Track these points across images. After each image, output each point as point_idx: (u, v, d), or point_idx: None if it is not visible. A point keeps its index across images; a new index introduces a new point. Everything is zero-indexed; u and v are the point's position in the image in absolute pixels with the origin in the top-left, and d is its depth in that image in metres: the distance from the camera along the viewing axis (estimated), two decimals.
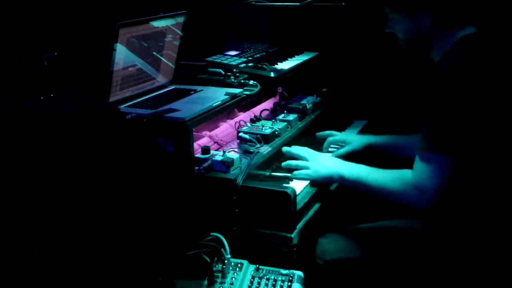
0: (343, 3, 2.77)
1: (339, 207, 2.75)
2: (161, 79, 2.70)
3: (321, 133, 2.83)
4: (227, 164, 2.21)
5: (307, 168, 2.36)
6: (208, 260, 1.96)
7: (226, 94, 2.50)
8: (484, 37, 2.04)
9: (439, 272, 2.11)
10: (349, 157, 2.59)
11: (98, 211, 1.77)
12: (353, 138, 2.72)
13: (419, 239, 2.18)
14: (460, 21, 2.06)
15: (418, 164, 2.01)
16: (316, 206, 2.36)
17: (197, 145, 2.35)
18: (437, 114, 1.96)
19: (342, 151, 2.65)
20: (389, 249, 2.21)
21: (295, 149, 2.47)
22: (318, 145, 2.74)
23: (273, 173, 2.49)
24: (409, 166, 2.06)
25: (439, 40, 2.08)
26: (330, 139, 2.74)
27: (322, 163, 2.36)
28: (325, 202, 2.42)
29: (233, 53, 3.00)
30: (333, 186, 2.55)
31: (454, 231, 2.09)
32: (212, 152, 2.30)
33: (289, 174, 2.40)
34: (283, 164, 2.46)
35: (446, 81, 1.94)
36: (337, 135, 2.77)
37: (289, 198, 2.10)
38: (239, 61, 2.86)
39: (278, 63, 2.90)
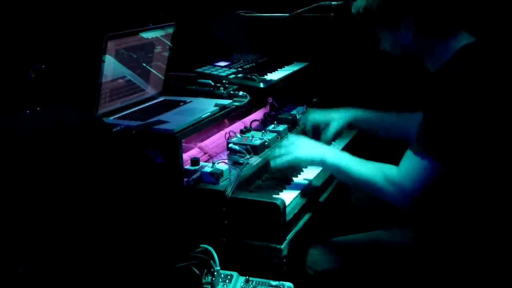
0: (332, 14, 2.78)
1: (330, 217, 2.74)
2: (150, 91, 2.70)
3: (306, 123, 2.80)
4: (216, 175, 2.20)
5: (288, 153, 2.33)
6: (198, 272, 1.96)
7: (216, 105, 2.50)
8: (484, 47, 2.05)
9: (430, 282, 2.10)
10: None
11: (86, 224, 1.76)
12: (335, 115, 2.69)
13: (410, 250, 2.18)
14: (447, 30, 2.07)
15: (404, 162, 2.03)
16: (306, 217, 2.35)
17: (187, 156, 2.35)
18: (432, 117, 1.97)
19: (329, 132, 2.65)
20: (380, 259, 2.21)
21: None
22: None
23: (263, 183, 2.48)
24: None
25: (432, 50, 2.09)
26: (310, 117, 2.74)
27: (304, 147, 2.34)
28: (315, 212, 2.41)
29: (222, 64, 3.00)
30: (323, 197, 2.54)
31: (444, 242, 2.09)
32: (201, 163, 2.30)
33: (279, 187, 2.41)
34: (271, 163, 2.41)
35: (445, 88, 1.94)
36: (318, 115, 2.74)
37: (278, 209, 2.09)
38: (229, 72, 2.86)
39: (268, 74, 2.91)
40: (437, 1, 2.03)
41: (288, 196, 2.32)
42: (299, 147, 2.34)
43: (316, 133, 2.75)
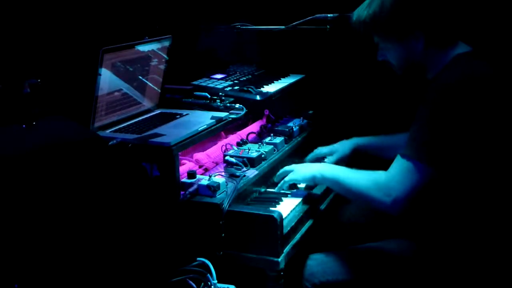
0: (328, 26, 2.78)
1: (327, 229, 2.74)
2: (146, 104, 2.69)
3: (309, 156, 2.83)
4: (213, 188, 2.20)
5: (291, 174, 2.41)
6: (195, 286, 1.95)
7: (212, 118, 2.50)
8: (479, 56, 2.06)
9: None
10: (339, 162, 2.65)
11: (81, 238, 1.75)
12: (339, 146, 2.75)
13: (407, 261, 2.17)
14: (450, 41, 2.08)
15: (393, 166, 2.04)
16: (304, 229, 2.35)
17: (183, 169, 2.34)
18: (423, 122, 1.98)
19: (332, 159, 2.70)
20: (377, 271, 2.20)
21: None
22: None
23: (260, 196, 2.48)
24: None
25: (434, 61, 2.10)
26: (317, 151, 2.76)
27: (305, 166, 2.43)
28: (313, 224, 2.41)
29: (219, 76, 3.01)
30: (322, 206, 2.54)
31: (442, 250, 2.08)
32: (198, 176, 2.29)
33: (275, 192, 2.43)
34: (275, 178, 2.51)
35: (437, 94, 1.95)
36: (324, 149, 2.78)
37: (275, 222, 2.09)
38: (225, 84, 2.87)
39: (264, 86, 2.91)
40: (446, 14, 2.04)
41: (285, 209, 2.32)
42: (301, 166, 2.43)
43: None
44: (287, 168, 2.47)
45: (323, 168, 2.34)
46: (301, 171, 2.39)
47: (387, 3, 2.06)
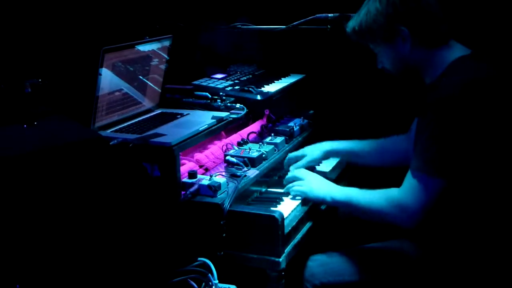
0: (328, 26, 2.78)
1: (328, 230, 2.74)
2: (147, 103, 2.69)
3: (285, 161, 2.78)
4: (213, 188, 2.20)
5: (302, 185, 2.39)
6: (196, 286, 1.94)
7: (213, 117, 2.50)
8: (478, 58, 2.06)
9: None
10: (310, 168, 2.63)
11: (81, 238, 1.75)
12: (309, 150, 2.67)
13: (408, 261, 2.17)
14: (438, 40, 2.08)
15: (406, 181, 2.03)
16: (305, 229, 2.34)
17: (184, 169, 2.34)
18: (429, 134, 1.96)
19: (302, 163, 2.63)
20: (378, 271, 2.20)
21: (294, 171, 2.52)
22: None
23: (261, 196, 2.48)
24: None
25: (428, 62, 2.09)
26: (290, 154, 2.71)
27: (317, 184, 2.38)
28: (314, 224, 2.41)
29: (219, 76, 3.00)
30: (323, 207, 2.54)
31: (443, 253, 2.08)
32: (198, 176, 2.29)
33: (276, 192, 2.42)
34: (284, 181, 2.50)
35: (444, 103, 1.94)
36: (294, 153, 2.71)
37: (276, 222, 2.09)
38: (226, 84, 2.87)
39: (265, 86, 2.91)
40: (430, 10, 2.04)
41: (286, 209, 2.32)
42: (312, 182, 2.39)
43: None
44: (298, 174, 2.45)
45: (332, 190, 2.30)
46: (312, 189, 2.35)
47: (372, 7, 2.08)
